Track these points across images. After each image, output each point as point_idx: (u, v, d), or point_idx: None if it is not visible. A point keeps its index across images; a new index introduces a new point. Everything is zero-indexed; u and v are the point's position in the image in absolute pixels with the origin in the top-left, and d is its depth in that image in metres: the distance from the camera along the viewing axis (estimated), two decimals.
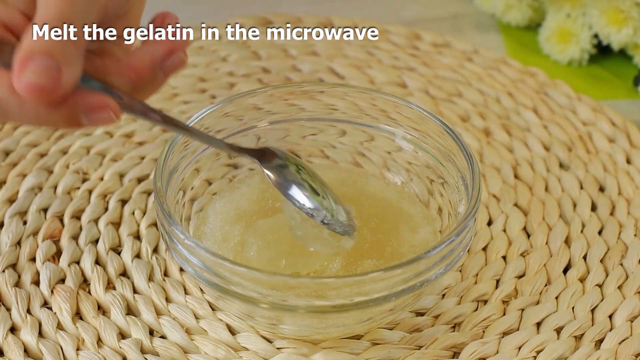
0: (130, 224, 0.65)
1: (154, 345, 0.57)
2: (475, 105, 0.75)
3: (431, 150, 0.61)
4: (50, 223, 0.64)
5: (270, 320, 0.55)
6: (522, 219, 0.66)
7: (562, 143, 0.72)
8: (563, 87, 0.77)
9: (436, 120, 0.60)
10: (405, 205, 0.62)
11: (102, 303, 0.60)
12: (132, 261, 0.62)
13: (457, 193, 0.58)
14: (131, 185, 0.67)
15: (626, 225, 0.65)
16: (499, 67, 0.79)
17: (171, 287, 0.60)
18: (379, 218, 0.60)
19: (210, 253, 0.52)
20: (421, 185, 0.63)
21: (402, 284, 0.52)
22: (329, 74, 0.78)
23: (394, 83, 0.77)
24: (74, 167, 0.69)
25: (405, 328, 0.59)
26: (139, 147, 0.71)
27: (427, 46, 0.82)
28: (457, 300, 0.60)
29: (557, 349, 0.57)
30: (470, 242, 0.55)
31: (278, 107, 0.63)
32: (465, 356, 0.57)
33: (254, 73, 0.78)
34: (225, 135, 0.62)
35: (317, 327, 0.55)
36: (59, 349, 0.57)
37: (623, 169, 0.69)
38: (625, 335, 0.58)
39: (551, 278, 0.62)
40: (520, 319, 0.59)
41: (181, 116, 0.74)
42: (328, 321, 0.54)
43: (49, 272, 0.61)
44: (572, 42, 0.81)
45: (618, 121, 0.73)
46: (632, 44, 0.80)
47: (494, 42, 0.85)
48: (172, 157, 0.57)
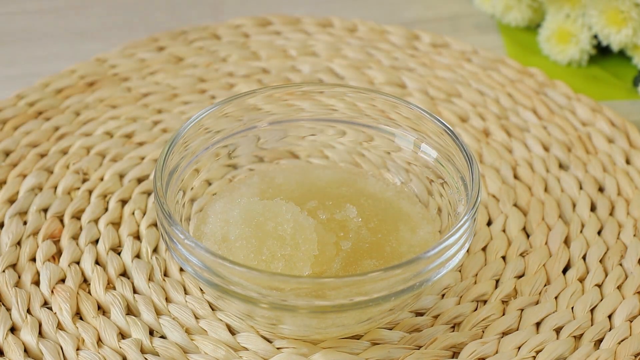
0: (130, 224, 0.65)
1: (154, 345, 0.58)
2: (475, 105, 0.76)
3: (431, 150, 0.62)
4: (51, 223, 0.65)
5: (270, 320, 0.55)
6: (521, 219, 0.66)
7: (562, 143, 0.72)
8: (562, 88, 0.78)
9: (435, 121, 0.61)
10: (404, 206, 0.62)
11: (102, 303, 0.60)
12: (132, 261, 0.63)
13: (457, 193, 0.59)
14: (131, 186, 0.68)
15: (625, 226, 0.66)
16: (498, 67, 0.80)
17: (171, 287, 0.61)
18: (378, 218, 0.60)
19: (210, 253, 0.52)
20: (421, 186, 0.63)
21: (401, 284, 0.53)
22: (329, 75, 0.79)
23: (393, 83, 0.78)
24: (74, 167, 0.70)
25: (405, 328, 0.59)
26: (138, 148, 0.71)
27: (426, 46, 0.82)
28: (457, 300, 0.61)
29: (557, 349, 0.58)
30: (469, 242, 0.56)
31: (277, 107, 0.64)
32: (464, 356, 0.58)
33: (254, 73, 0.79)
34: (225, 135, 0.62)
35: (317, 327, 0.55)
36: (59, 349, 0.58)
37: (622, 169, 0.70)
38: (625, 335, 0.59)
39: (550, 278, 0.62)
40: (520, 319, 0.60)
41: (181, 117, 0.74)
42: (328, 321, 0.54)
43: (49, 272, 0.62)
44: (571, 43, 0.82)
45: (617, 121, 0.74)
46: (632, 45, 0.81)
47: (493, 43, 0.86)
48: (171, 157, 0.58)
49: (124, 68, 0.79)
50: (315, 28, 0.84)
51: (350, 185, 0.63)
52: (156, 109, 0.75)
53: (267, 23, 0.84)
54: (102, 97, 0.76)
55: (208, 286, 0.54)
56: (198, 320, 0.59)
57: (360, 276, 0.52)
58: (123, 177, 0.69)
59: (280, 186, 0.63)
